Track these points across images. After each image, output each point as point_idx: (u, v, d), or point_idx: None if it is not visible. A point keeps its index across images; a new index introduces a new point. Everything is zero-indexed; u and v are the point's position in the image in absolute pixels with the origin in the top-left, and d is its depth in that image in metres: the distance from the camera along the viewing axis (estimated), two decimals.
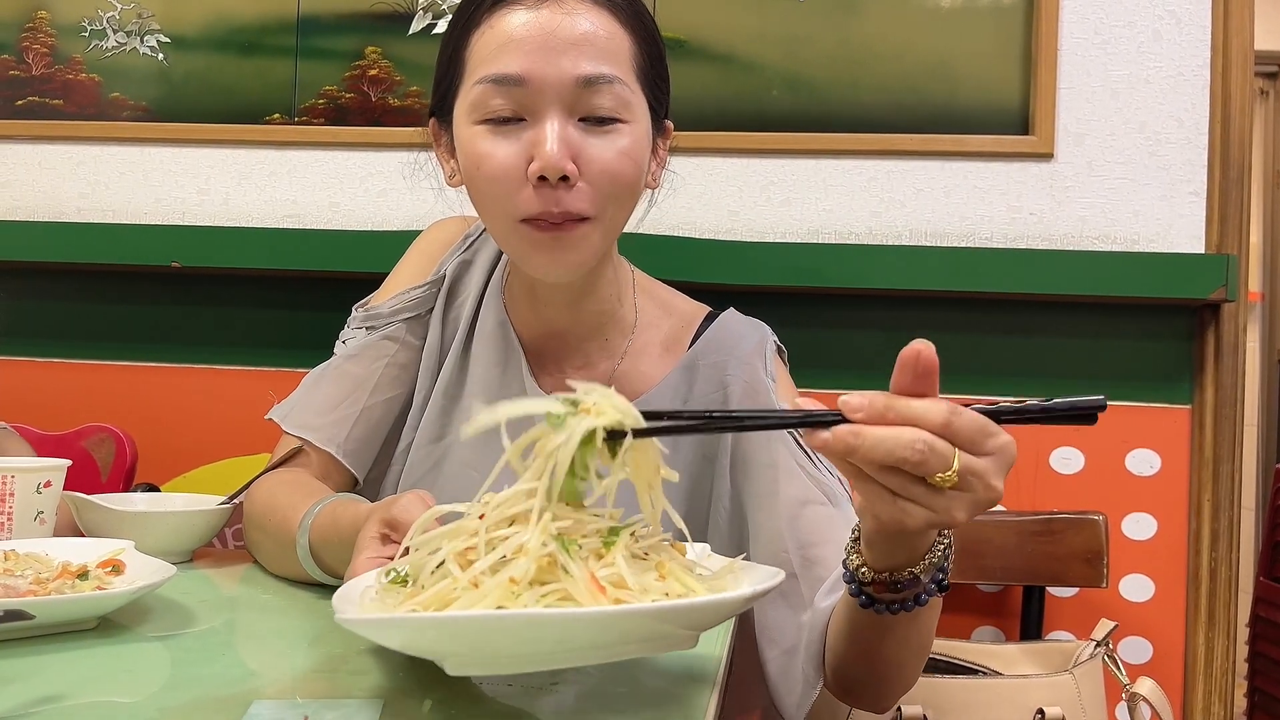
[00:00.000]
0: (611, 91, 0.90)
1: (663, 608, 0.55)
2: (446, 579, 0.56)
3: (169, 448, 1.63)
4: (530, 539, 0.55)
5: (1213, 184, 1.52)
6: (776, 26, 1.59)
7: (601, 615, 0.53)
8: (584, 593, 0.54)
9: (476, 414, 0.89)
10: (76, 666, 0.66)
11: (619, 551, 0.57)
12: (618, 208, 0.93)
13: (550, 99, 0.89)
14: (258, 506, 0.99)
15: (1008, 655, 1.32)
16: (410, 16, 1.67)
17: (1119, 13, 1.54)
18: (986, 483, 0.62)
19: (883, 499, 0.62)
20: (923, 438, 0.59)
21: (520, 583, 0.54)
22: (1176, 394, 1.53)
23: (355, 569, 0.72)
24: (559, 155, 0.87)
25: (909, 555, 0.69)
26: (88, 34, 1.74)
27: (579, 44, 0.89)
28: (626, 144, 0.91)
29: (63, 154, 1.73)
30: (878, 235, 1.57)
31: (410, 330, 1.07)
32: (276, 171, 1.68)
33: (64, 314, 1.73)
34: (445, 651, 0.55)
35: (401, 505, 0.74)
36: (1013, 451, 0.63)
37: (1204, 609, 1.50)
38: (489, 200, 0.93)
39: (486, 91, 0.90)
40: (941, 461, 0.59)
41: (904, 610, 0.72)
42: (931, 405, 0.60)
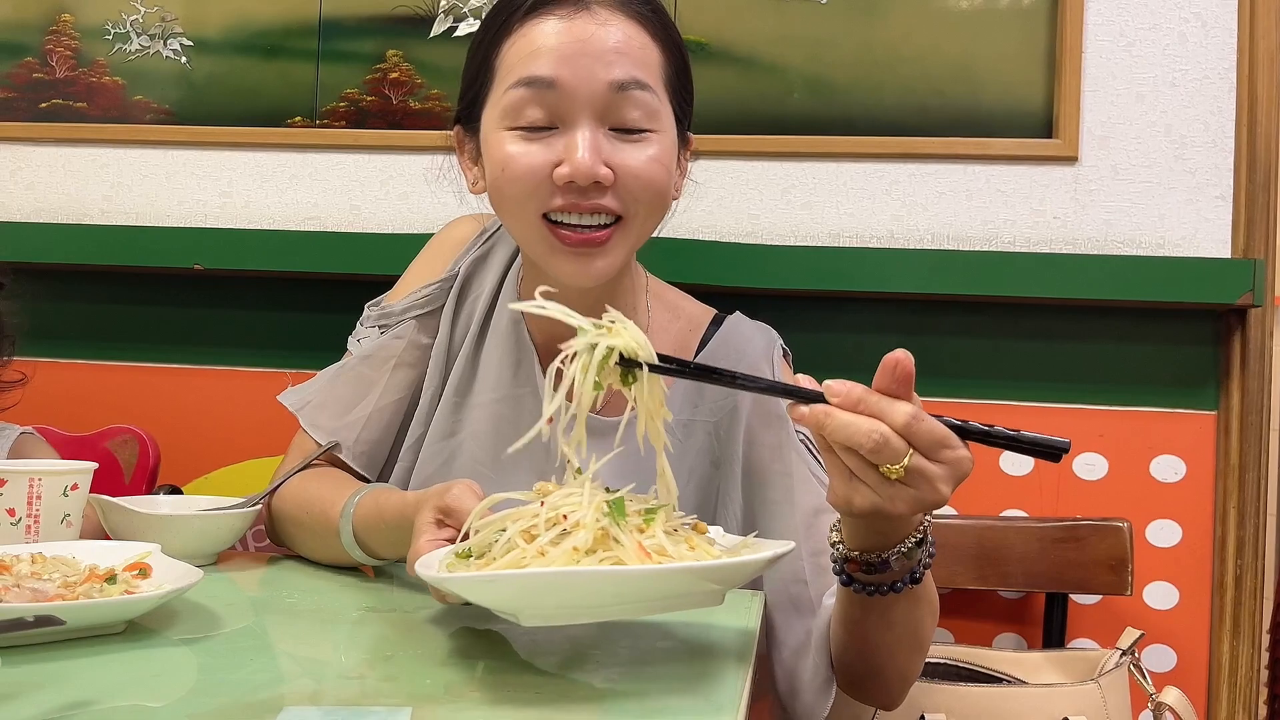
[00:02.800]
0: (643, 100, 0.90)
1: (702, 566, 0.66)
2: (515, 550, 0.67)
3: (191, 449, 1.64)
4: (586, 515, 0.67)
5: (1239, 187, 1.50)
6: (798, 29, 1.59)
7: (652, 572, 0.64)
8: (633, 558, 0.65)
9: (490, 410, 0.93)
10: (105, 671, 0.66)
11: (658, 526, 0.68)
12: (648, 213, 0.94)
13: (582, 105, 0.89)
14: (289, 502, 1.04)
15: (1031, 663, 1.31)
16: (431, 20, 1.67)
17: (1144, 15, 1.52)
18: (933, 486, 0.70)
19: (840, 475, 0.72)
20: (881, 430, 0.68)
21: (580, 550, 0.65)
22: (1202, 400, 1.51)
23: (418, 550, 0.78)
24: (591, 161, 0.88)
25: (880, 541, 0.77)
26: (111, 37, 1.75)
27: (612, 51, 0.89)
28: (656, 151, 0.92)
29: (86, 156, 1.74)
30: (899, 239, 1.56)
31: (421, 327, 1.08)
32: (298, 174, 1.69)
33: (87, 316, 1.74)
34: (525, 604, 0.65)
35: (454, 494, 0.80)
36: (967, 467, 0.71)
37: (1229, 617, 1.49)
38: (512, 201, 0.93)
39: (518, 96, 0.90)
40: (893, 455, 0.69)
41: (879, 594, 0.80)
42: (899, 406, 0.69)
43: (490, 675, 0.68)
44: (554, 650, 0.75)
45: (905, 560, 0.79)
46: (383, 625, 0.81)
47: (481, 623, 0.80)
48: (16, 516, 0.91)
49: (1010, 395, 1.54)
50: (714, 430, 1.01)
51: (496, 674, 0.68)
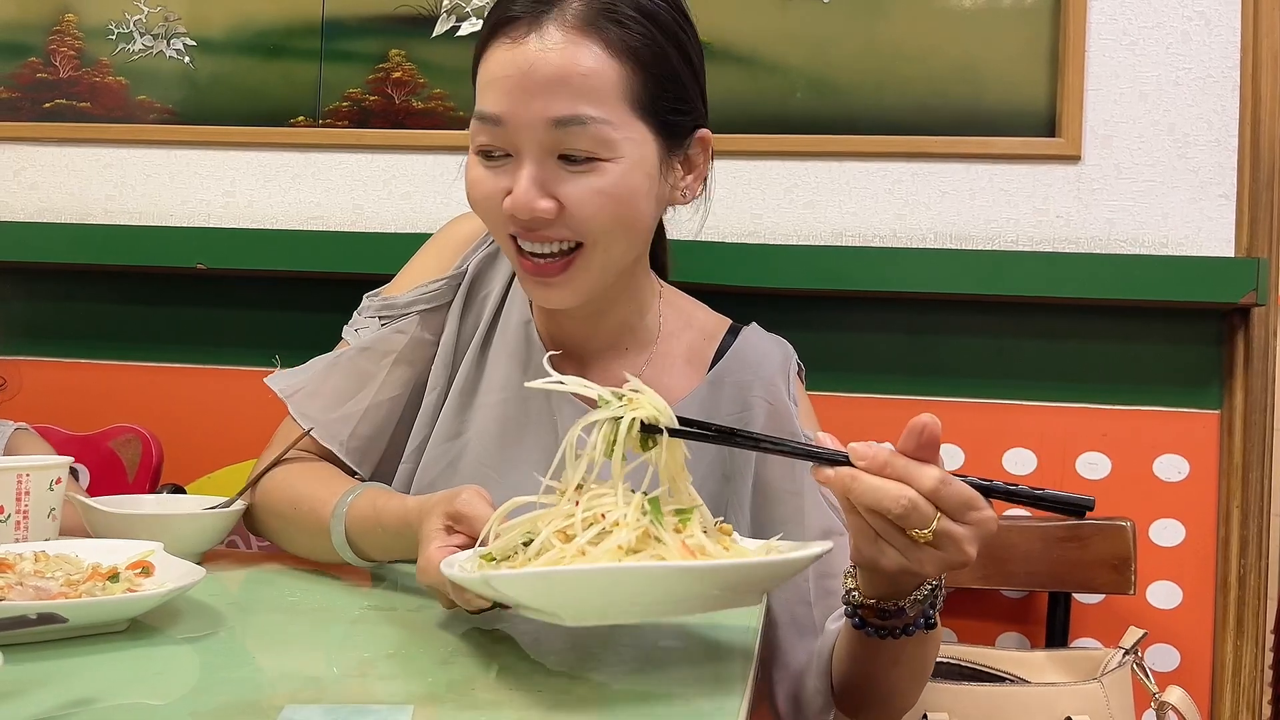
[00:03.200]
0: (585, 133, 0.87)
1: (756, 562, 0.67)
2: (553, 550, 0.65)
3: (194, 448, 1.64)
4: (628, 514, 0.66)
5: (1243, 186, 1.50)
6: (801, 28, 1.58)
7: (708, 568, 0.64)
8: (678, 556, 0.65)
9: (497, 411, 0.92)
10: (108, 669, 0.67)
11: (695, 526, 0.68)
12: (609, 239, 0.91)
13: (526, 139, 0.88)
14: (275, 495, 1.01)
15: (1034, 663, 1.31)
16: (434, 19, 1.67)
17: (1147, 14, 1.52)
18: (960, 547, 0.70)
19: (865, 536, 0.71)
20: (909, 495, 0.68)
21: (624, 549, 0.64)
22: (1205, 399, 1.51)
23: (430, 556, 0.76)
24: (528, 198, 0.88)
25: (896, 590, 0.77)
26: (114, 37, 1.75)
27: (553, 84, 0.87)
28: (606, 183, 0.89)
29: (89, 156, 1.74)
30: (902, 238, 1.56)
31: (424, 324, 1.06)
32: (301, 174, 1.69)
33: (90, 315, 1.74)
34: (574, 601, 0.64)
35: (464, 499, 0.79)
36: (992, 527, 0.71)
37: (1232, 617, 1.48)
38: (484, 222, 0.96)
39: (477, 127, 0.91)
40: (921, 520, 0.68)
41: (891, 638, 0.80)
42: (926, 471, 0.69)
43: (493, 674, 0.68)
44: (557, 649, 0.75)
45: (919, 605, 0.78)
46: (385, 624, 0.81)
47: (486, 623, 0.80)
48: (5, 513, 0.91)
49: (1013, 394, 1.54)
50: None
51: (499, 673, 0.68)
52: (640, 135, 0.90)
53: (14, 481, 0.91)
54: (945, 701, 1.18)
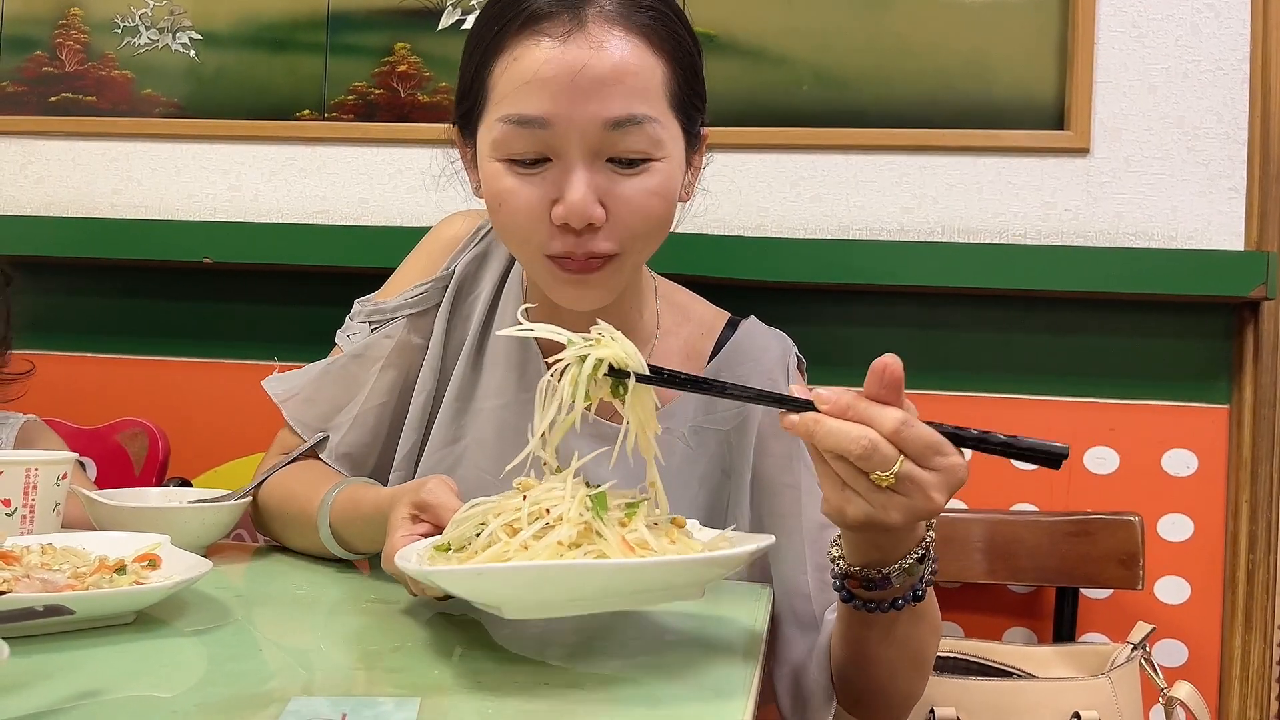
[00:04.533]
0: (642, 132, 0.84)
1: (685, 559, 0.67)
2: (498, 544, 0.67)
3: (201, 442, 1.64)
4: (570, 510, 0.67)
5: (1252, 180, 1.49)
6: (807, 20, 1.58)
7: (637, 566, 0.65)
8: (617, 551, 0.66)
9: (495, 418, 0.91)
10: (115, 661, 0.67)
11: (640, 520, 0.69)
12: (646, 243, 0.90)
13: (575, 141, 0.84)
14: (273, 496, 1.04)
15: (1041, 657, 1.31)
16: (439, 12, 1.67)
17: (1156, 5, 1.51)
18: (925, 494, 0.68)
19: (832, 485, 0.71)
20: (870, 436, 0.67)
21: (565, 544, 0.66)
22: (1214, 393, 1.50)
23: (393, 545, 0.78)
24: (585, 203, 0.84)
25: (880, 556, 0.76)
26: (120, 31, 1.75)
27: (607, 83, 0.83)
28: (656, 183, 0.87)
29: (95, 150, 1.74)
30: (909, 232, 1.55)
31: (413, 327, 1.05)
32: (306, 168, 1.69)
33: (96, 309, 1.74)
34: (510, 597, 0.65)
35: (430, 489, 0.80)
36: (961, 474, 0.69)
37: (1240, 612, 1.48)
38: (511, 236, 0.91)
39: (509, 132, 0.85)
40: (883, 461, 0.67)
41: (880, 611, 0.79)
42: (888, 412, 0.68)
43: (499, 666, 0.68)
44: (563, 641, 0.75)
45: (906, 577, 0.77)
46: (391, 617, 0.81)
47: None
48: (12, 507, 0.91)
49: (1020, 389, 1.53)
50: (725, 438, 0.99)
51: (505, 665, 0.68)
52: (675, 133, 0.89)
53: (23, 475, 0.91)
54: (953, 696, 1.18)
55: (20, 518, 0.91)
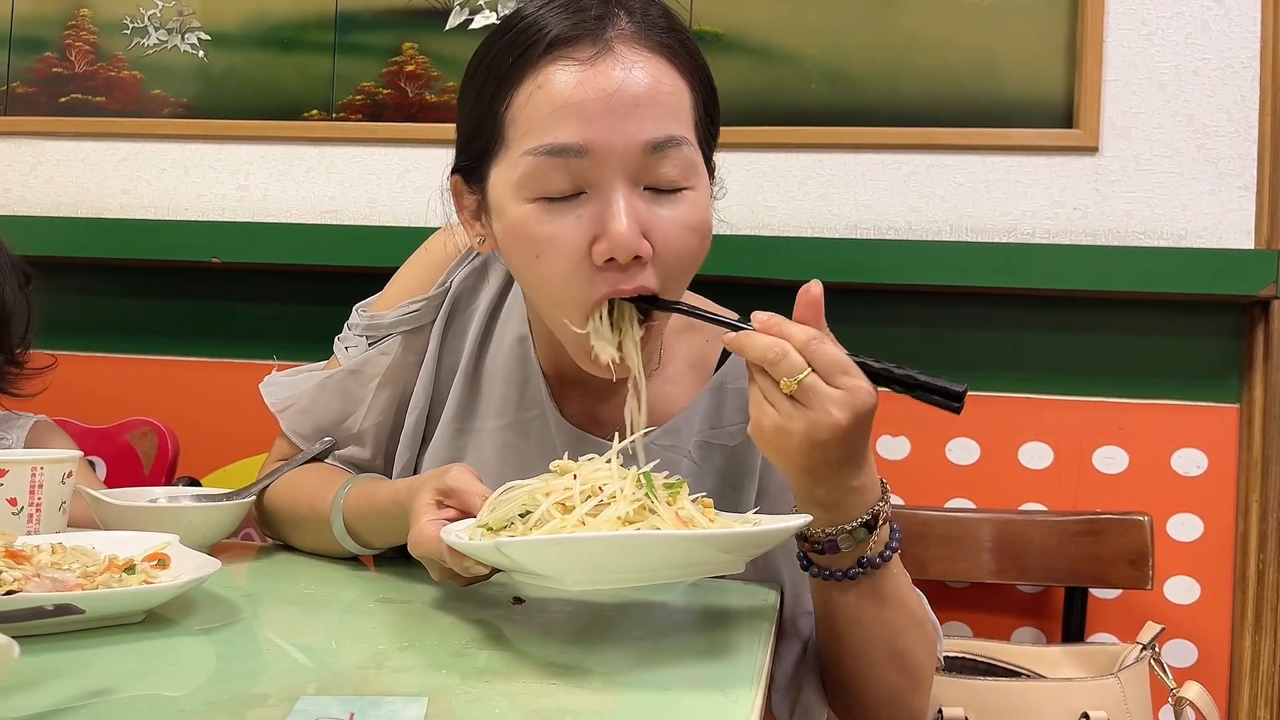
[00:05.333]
0: (680, 155, 0.81)
1: (744, 533, 0.71)
2: (553, 520, 0.70)
3: (210, 441, 1.65)
4: (624, 488, 0.71)
5: (1263, 178, 1.49)
6: (815, 18, 1.58)
7: (703, 537, 0.69)
8: (672, 525, 0.69)
9: (495, 438, 0.97)
10: (124, 660, 0.67)
11: (684, 499, 0.73)
12: (682, 284, 0.87)
13: (614, 169, 0.79)
14: (283, 496, 1.03)
15: (1050, 657, 1.30)
16: (447, 12, 1.67)
17: (1166, 3, 1.51)
18: (825, 408, 0.74)
19: (755, 402, 0.76)
20: (781, 345, 0.74)
21: (623, 520, 0.69)
22: (1224, 392, 1.50)
23: (422, 530, 0.78)
24: (632, 235, 0.79)
25: (822, 517, 0.80)
26: (129, 31, 1.76)
27: (643, 103, 0.79)
28: (696, 216, 0.83)
29: (105, 150, 1.75)
30: (917, 230, 1.55)
31: (408, 345, 1.03)
32: (315, 168, 1.69)
33: (106, 309, 1.75)
34: (579, 567, 0.68)
35: (454, 474, 0.81)
36: (864, 398, 0.75)
37: (1250, 612, 1.47)
38: (550, 293, 0.84)
39: (541, 165, 0.79)
40: (790, 368, 0.74)
41: (834, 579, 0.82)
42: (801, 328, 0.76)
43: (506, 665, 0.68)
44: (569, 637, 0.75)
45: (854, 543, 0.80)
46: (399, 615, 0.81)
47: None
48: (19, 506, 0.91)
49: (1029, 388, 1.53)
50: (731, 454, 0.98)
51: (513, 664, 0.68)
52: (700, 157, 0.85)
53: (28, 474, 0.92)
54: (961, 697, 1.17)
55: (27, 516, 0.92)
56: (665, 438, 0.97)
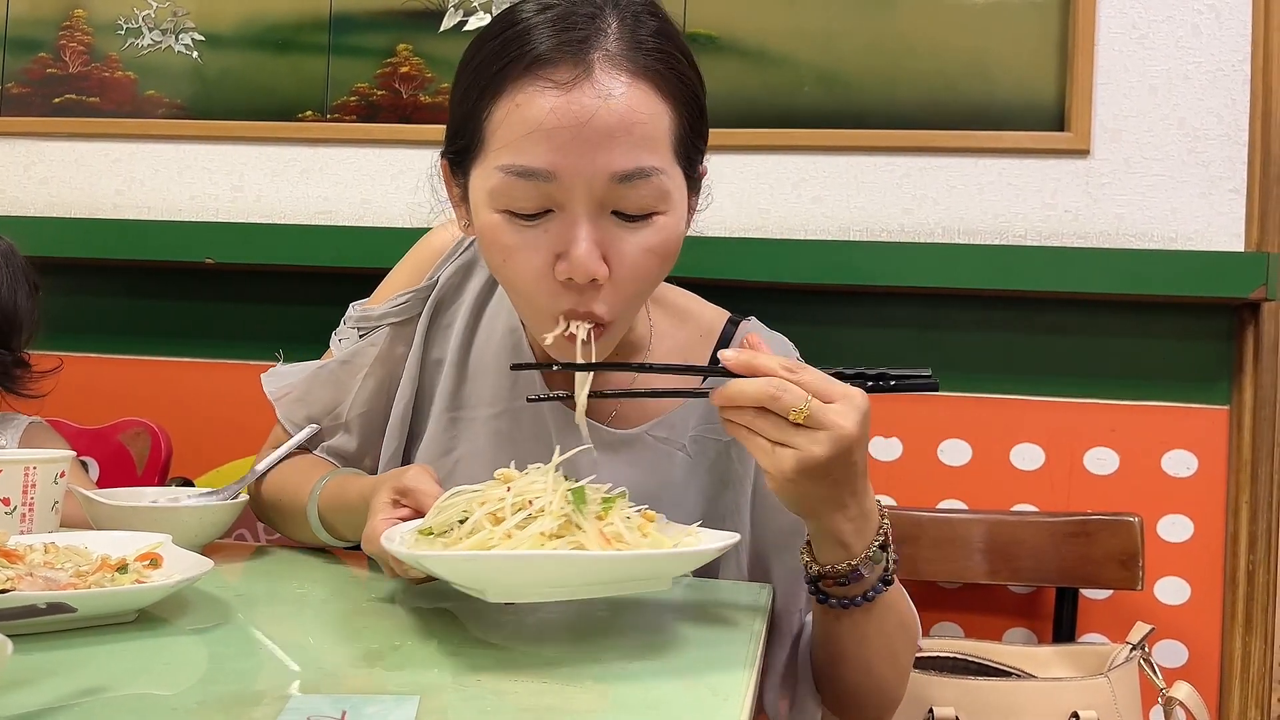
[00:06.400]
0: (648, 185, 0.81)
1: (659, 554, 0.72)
2: (482, 531, 0.71)
3: (203, 442, 1.65)
4: (552, 502, 0.72)
5: (1253, 181, 1.49)
6: (809, 21, 1.58)
7: (614, 558, 0.70)
8: (594, 543, 0.71)
9: (489, 427, 0.99)
10: (117, 659, 0.67)
11: (616, 515, 0.74)
12: (638, 306, 0.89)
13: (581, 194, 0.80)
14: (271, 487, 1.07)
15: (1041, 657, 1.31)
16: (441, 14, 1.68)
17: (1157, 7, 1.51)
18: (837, 421, 0.74)
19: (763, 450, 0.75)
20: (774, 380, 0.74)
21: (547, 535, 0.70)
22: (1214, 394, 1.50)
23: (374, 527, 0.82)
24: (591, 260, 0.81)
25: (845, 552, 0.80)
26: (124, 32, 1.76)
27: (615, 134, 0.79)
28: (660, 240, 0.84)
29: (98, 151, 1.75)
30: (910, 233, 1.56)
31: (396, 336, 1.05)
32: (309, 169, 1.69)
33: (99, 310, 1.75)
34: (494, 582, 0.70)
35: (411, 475, 0.84)
36: (862, 401, 0.76)
37: (1241, 613, 1.48)
38: (518, 293, 0.88)
39: (511, 183, 0.81)
40: (795, 397, 0.74)
41: (854, 606, 0.83)
42: (772, 357, 0.76)
43: (498, 664, 0.68)
44: (561, 636, 0.76)
45: (874, 566, 0.81)
46: (391, 614, 0.81)
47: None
48: (11, 505, 0.91)
49: (1021, 389, 1.54)
50: (725, 449, 0.98)
51: (504, 663, 0.69)
52: (680, 180, 0.85)
53: (21, 474, 0.92)
54: (952, 696, 1.18)
55: (20, 516, 0.92)
56: (659, 430, 0.97)
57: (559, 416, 0.98)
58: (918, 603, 0.94)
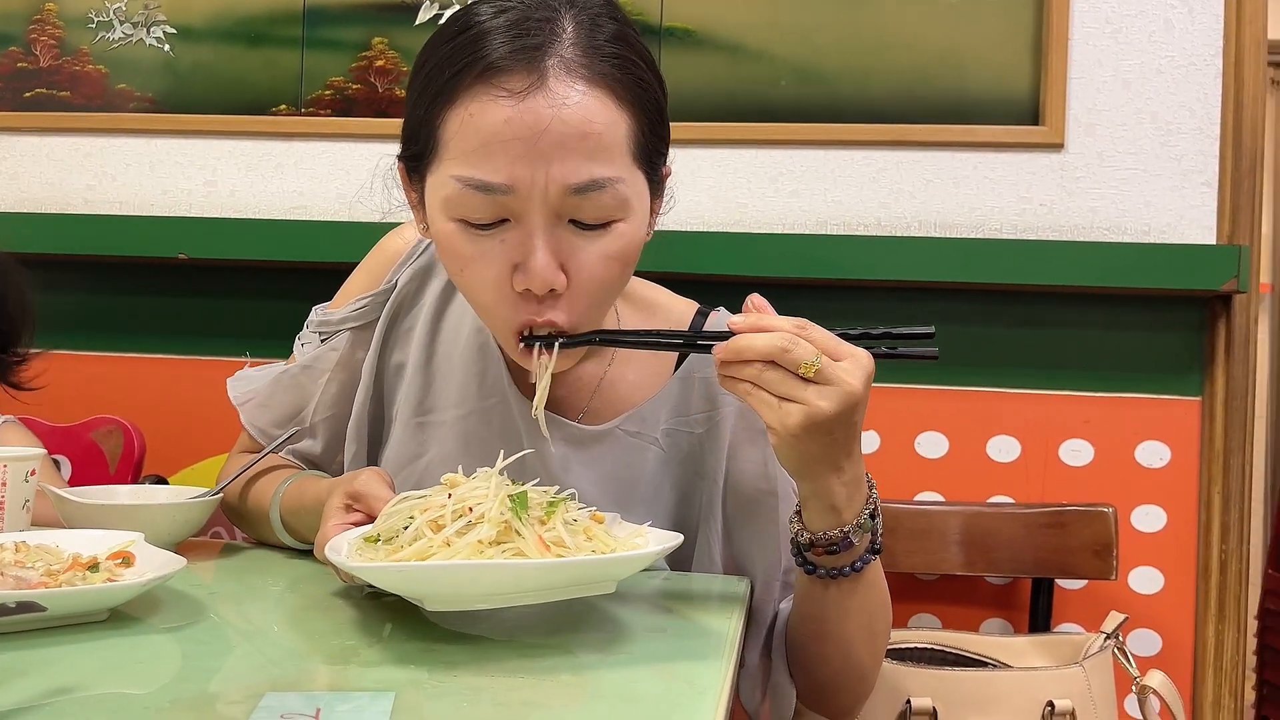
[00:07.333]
0: (607, 195, 0.80)
1: (595, 560, 0.72)
2: (422, 540, 0.71)
3: (177, 439, 1.63)
4: (491, 509, 0.71)
5: (1224, 174, 1.51)
6: (786, 16, 1.58)
7: (549, 565, 0.70)
8: (533, 550, 0.71)
9: (456, 429, 0.99)
10: (88, 658, 0.66)
11: (558, 519, 0.74)
12: (599, 313, 0.88)
13: (537, 206, 0.79)
14: (238, 491, 1.07)
15: (1017, 648, 1.32)
16: (417, 7, 1.66)
17: (1130, 1, 1.53)
18: (844, 379, 0.75)
19: (768, 405, 0.75)
20: (784, 335, 0.75)
21: (485, 543, 0.70)
22: (1187, 386, 1.52)
23: (325, 533, 0.82)
24: (548, 271, 0.80)
25: (836, 517, 0.81)
26: (94, 26, 1.73)
27: (570, 145, 0.78)
28: (618, 247, 0.83)
29: (69, 146, 1.73)
30: (887, 226, 1.56)
31: (356, 340, 1.04)
32: (283, 163, 1.68)
33: (71, 306, 1.73)
34: (429, 592, 0.71)
35: (362, 480, 0.84)
36: (866, 361, 0.77)
37: (1214, 601, 1.50)
38: (475, 301, 0.87)
39: (466, 194, 0.80)
40: (805, 352, 0.74)
41: (843, 576, 0.84)
42: (784, 319, 0.77)
43: (474, 660, 0.68)
44: (537, 630, 0.75)
45: (864, 534, 0.82)
46: (366, 612, 0.80)
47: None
48: None
49: (996, 381, 1.55)
50: (698, 440, 0.98)
51: (480, 659, 0.68)
52: (641, 186, 0.84)
53: None
54: (929, 686, 1.18)
55: None
56: (630, 424, 0.97)
57: (528, 415, 0.97)
58: (895, 595, 0.94)
